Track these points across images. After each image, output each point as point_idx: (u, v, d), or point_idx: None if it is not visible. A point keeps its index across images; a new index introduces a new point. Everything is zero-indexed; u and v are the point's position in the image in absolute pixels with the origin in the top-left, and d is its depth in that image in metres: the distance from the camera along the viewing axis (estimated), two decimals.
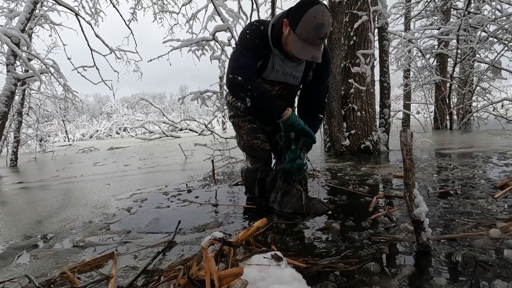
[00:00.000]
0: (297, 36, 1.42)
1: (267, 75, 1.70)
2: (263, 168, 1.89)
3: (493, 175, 2.20)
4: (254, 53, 1.59)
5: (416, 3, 9.33)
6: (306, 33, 1.40)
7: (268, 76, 1.70)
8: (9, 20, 6.29)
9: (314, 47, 1.43)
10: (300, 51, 1.44)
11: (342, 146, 3.91)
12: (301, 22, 1.39)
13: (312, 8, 1.37)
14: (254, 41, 1.57)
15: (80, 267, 1.11)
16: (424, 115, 10.22)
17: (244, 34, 1.60)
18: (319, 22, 1.36)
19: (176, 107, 49.99)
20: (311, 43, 1.42)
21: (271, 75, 1.70)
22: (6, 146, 7.15)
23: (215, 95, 3.83)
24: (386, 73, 4.51)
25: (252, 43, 1.58)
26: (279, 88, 1.77)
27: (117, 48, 7.10)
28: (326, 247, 1.18)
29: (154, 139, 15.70)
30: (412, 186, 1.05)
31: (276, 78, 1.71)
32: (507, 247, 1.03)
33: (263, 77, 1.71)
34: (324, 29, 1.39)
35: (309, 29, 1.38)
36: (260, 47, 1.59)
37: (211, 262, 0.79)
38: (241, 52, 1.59)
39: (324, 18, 1.37)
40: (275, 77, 1.71)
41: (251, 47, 1.58)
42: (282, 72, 1.69)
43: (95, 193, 2.63)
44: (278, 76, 1.71)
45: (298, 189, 1.65)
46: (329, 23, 1.40)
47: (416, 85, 9.25)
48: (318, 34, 1.39)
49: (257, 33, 1.58)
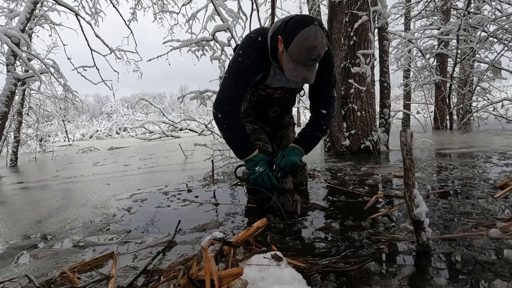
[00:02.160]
0: (289, 56, 1.38)
1: (270, 83, 1.69)
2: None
3: (493, 175, 2.20)
4: (245, 77, 1.56)
5: (416, 3, 9.33)
6: (298, 54, 1.35)
7: (270, 84, 1.69)
8: (9, 20, 6.30)
9: (306, 67, 1.39)
10: (291, 72, 1.40)
11: (342, 146, 3.91)
12: (293, 43, 1.34)
13: (304, 29, 1.31)
14: (246, 64, 1.53)
15: (80, 267, 1.11)
16: (424, 115, 10.23)
17: (237, 55, 1.55)
18: (310, 44, 1.31)
19: (176, 107, 50.01)
20: (303, 64, 1.38)
21: (273, 82, 1.69)
22: (6, 146, 7.14)
23: (215, 95, 3.83)
24: (386, 73, 4.52)
25: (244, 67, 1.53)
26: (281, 92, 1.76)
27: (117, 48, 7.10)
28: (326, 246, 1.18)
29: (154, 139, 15.70)
30: (412, 186, 1.05)
31: (279, 85, 1.70)
32: (507, 247, 1.03)
33: (266, 84, 1.70)
34: (317, 51, 1.34)
35: (300, 51, 1.34)
36: (256, 64, 1.55)
37: (211, 262, 0.79)
38: (229, 81, 1.56)
39: (316, 40, 1.31)
40: (277, 84, 1.70)
41: (242, 73, 1.54)
42: (285, 80, 1.68)
43: (95, 193, 2.63)
44: (281, 83, 1.70)
45: (294, 200, 1.65)
46: (323, 44, 1.34)
47: (416, 85, 9.26)
48: (310, 56, 1.35)
49: (252, 51, 1.53)
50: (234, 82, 1.55)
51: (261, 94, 1.73)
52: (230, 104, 1.55)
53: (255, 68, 1.55)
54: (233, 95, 1.55)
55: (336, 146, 3.94)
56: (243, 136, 1.57)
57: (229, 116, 1.56)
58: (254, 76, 1.59)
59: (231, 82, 1.55)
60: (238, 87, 1.55)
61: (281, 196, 1.69)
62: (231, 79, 1.56)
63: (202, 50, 3.93)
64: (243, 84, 1.56)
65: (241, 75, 1.54)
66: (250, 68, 1.54)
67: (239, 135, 1.57)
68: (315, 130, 1.70)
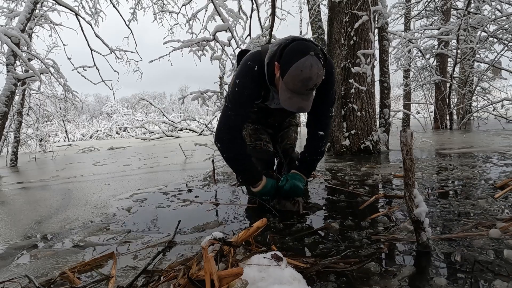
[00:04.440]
0: (285, 85, 1.36)
1: (270, 104, 1.70)
2: (265, 172, 1.87)
3: (493, 175, 2.20)
4: (244, 107, 1.58)
5: (416, 3, 9.33)
6: (293, 85, 1.33)
7: (269, 105, 1.71)
8: (9, 20, 6.30)
9: (302, 96, 1.37)
10: (286, 102, 1.38)
11: (342, 146, 3.91)
12: (288, 73, 1.32)
13: (300, 61, 1.28)
14: (244, 94, 1.53)
15: (80, 267, 1.11)
16: (424, 115, 10.22)
17: (235, 85, 1.55)
18: (305, 76, 1.29)
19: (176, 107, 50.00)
20: (298, 93, 1.36)
21: (272, 104, 1.70)
22: (6, 146, 7.15)
23: (215, 95, 3.83)
24: (386, 73, 4.51)
25: (242, 97, 1.54)
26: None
27: (117, 48, 7.10)
28: (326, 246, 1.18)
29: (154, 139, 15.70)
30: (412, 186, 1.05)
31: (279, 106, 1.68)
32: (507, 247, 1.03)
33: (266, 104, 1.71)
34: (312, 82, 1.31)
35: (295, 81, 1.31)
36: (254, 93, 1.56)
37: (211, 262, 0.79)
38: (229, 111, 1.58)
39: (311, 72, 1.28)
40: (276, 106, 1.71)
41: (241, 103, 1.56)
42: None
43: (95, 193, 2.63)
44: (279, 105, 1.68)
45: (296, 200, 1.69)
46: (319, 75, 1.31)
47: (416, 85, 9.25)
48: (306, 87, 1.32)
49: (249, 80, 1.52)
50: (233, 112, 1.57)
51: (260, 105, 1.75)
52: (230, 134, 1.59)
53: (253, 96, 1.57)
54: (233, 125, 1.59)
55: (336, 146, 3.94)
56: (246, 167, 1.63)
57: (230, 147, 1.61)
58: (252, 103, 1.61)
59: (230, 112, 1.58)
60: (238, 116, 1.58)
61: None
62: (230, 109, 1.57)
63: (202, 50, 3.93)
64: (242, 113, 1.59)
65: (240, 105, 1.56)
66: (248, 98, 1.55)
67: (242, 167, 1.64)
68: (314, 154, 1.73)
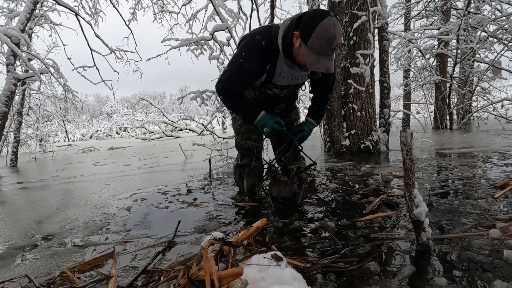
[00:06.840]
0: (310, 49, 1.43)
1: (276, 81, 1.73)
2: (249, 163, 2.00)
3: (493, 175, 2.20)
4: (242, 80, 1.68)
5: (416, 3, 9.32)
6: (319, 46, 1.41)
7: (277, 82, 1.74)
8: (9, 20, 6.29)
9: (326, 57, 1.45)
10: (314, 64, 1.45)
11: (342, 146, 3.91)
12: (313, 35, 1.39)
13: (323, 21, 1.37)
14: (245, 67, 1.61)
15: (80, 267, 1.11)
16: (424, 115, 10.21)
17: (239, 55, 1.63)
18: (331, 34, 1.37)
19: (176, 107, 49.98)
20: (324, 54, 1.44)
21: (279, 80, 1.73)
22: (6, 146, 7.14)
23: (214, 95, 3.83)
24: (386, 73, 4.51)
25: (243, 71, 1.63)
26: (287, 91, 1.80)
27: (117, 48, 7.10)
28: (325, 245, 1.18)
29: (154, 139, 15.69)
30: (412, 186, 1.05)
31: (285, 83, 1.75)
32: (506, 248, 1.03)
33: (273, 82, 1.73)
34: (336, 41, 1.41)
35: (322, 42, 1.39)
36: (254, 69, 1.62)
37: (211, 262, 0.79)
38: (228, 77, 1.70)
39: (335, 30, 1.38)
40: (284, 82, 1.74)
41: (240, 76, 1.66)
42: (291, 78, 1.73)
43: (95, 193, 2.63)
44: (287, 81, 1.74)
45: (284, 180, 1.81)
46: (341, 33, 1.42)
47: (416, 85, 9.25)
48: (331, 46, 1.41)
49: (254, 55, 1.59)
50: (231, 80, 1.68)
51: (269, 93, 1.80)
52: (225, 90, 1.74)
53: (253, 71, 1.63)
54: (231, 88, 1.72)
55: (336, 146, 3.94)
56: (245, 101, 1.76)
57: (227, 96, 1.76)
58: (251, 79, 1.69)
59: (229, 78, 1.69)
60: (234, 86, 1.71)
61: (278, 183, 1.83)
62: (230, 76, 1.69)
63: (201, 50, 3.93)
64: (239, 85, 1.71)
65: (238, 77, 1.66)
66: (248, 72, 1.63)
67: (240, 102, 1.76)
68: (321, 104, 1.92)
